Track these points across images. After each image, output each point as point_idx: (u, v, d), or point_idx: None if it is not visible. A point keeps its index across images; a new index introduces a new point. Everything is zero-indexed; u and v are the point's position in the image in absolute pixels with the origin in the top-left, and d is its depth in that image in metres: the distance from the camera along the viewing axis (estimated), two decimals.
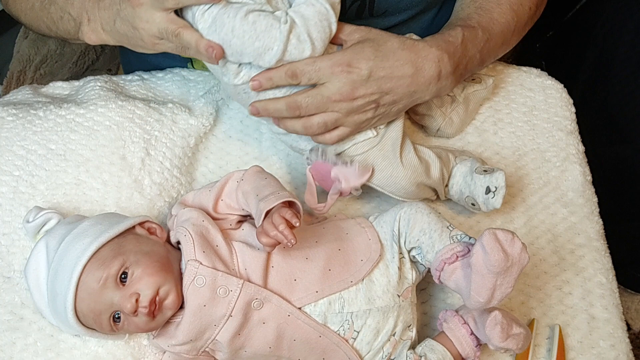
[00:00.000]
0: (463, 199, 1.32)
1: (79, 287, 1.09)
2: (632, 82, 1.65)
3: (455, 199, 1.34)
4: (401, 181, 1.25)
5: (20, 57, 2.07)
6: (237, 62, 1.17)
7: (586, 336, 1.28)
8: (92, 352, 1.17)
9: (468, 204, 1.32)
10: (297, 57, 1.15)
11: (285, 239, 1.05)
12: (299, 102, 1.17)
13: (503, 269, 1.05)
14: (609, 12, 1.73)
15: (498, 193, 1.27)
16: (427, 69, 1.19)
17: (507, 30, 1.32)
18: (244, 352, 1.14)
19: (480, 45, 1.27)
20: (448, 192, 1.33)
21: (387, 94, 1.18)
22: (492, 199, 1.27)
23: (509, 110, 1.47)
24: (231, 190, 1.20)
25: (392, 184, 1.26)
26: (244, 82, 1.19)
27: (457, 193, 1.32)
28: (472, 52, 1.26)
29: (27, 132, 1.30)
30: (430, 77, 1.19)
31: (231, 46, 1.14)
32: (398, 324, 1.17)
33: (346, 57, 1.16)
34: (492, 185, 1.27)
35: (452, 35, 1.24)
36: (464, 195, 1.31)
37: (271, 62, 1.14)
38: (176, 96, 1.45)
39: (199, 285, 1.10)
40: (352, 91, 1.16)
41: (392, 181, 1.26)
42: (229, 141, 1.42)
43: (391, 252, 1.18)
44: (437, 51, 1.20)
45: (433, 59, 1.19)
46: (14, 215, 1.25)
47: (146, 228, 1.20)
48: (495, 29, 1.30)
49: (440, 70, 1.20)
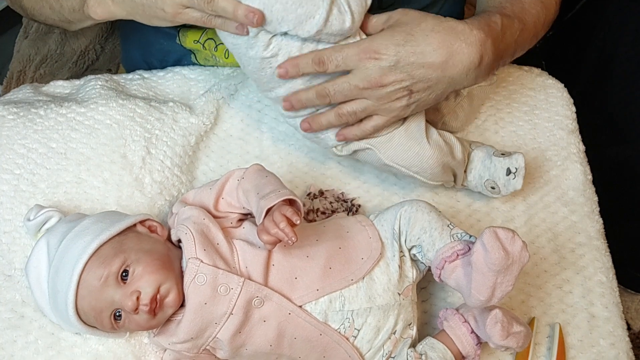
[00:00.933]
0: (482, 183, 1.32)
1: (80, 285, 1.09)
2: (632, 82, 1.65)
3: (472, 184, 1.34)
4: (429, 160, 1.25)
5: (20, 57, 2.07)
6: (272, 32, 1.15)
7: (586, 335, 1.28)
8: (93, 350, 1.17)
9: (487, 188, 1.32)
10: (337, 29, 1.13)
11: (286, 237, 1.05)
12: (327, 89, 1.16)
13: (503, 267, 1.05)
14: (609, 13, 1.73)
15: (518, 174, 1.28)
16: (465, 53, 1.13)
17: (538, 22, 1.29)
18: (244, 350, 1.14)
19: (516, 35, 1.23)
20: (466, 177, 1.33)
21: (420, 80, 1.15)
22: (514, 180, 1.28)
23: (510, 109, 1.47)
24: (232, 189, 1.20)
25: (419, 163, 1.25)
26: (273, 55, 1.17)
27: (476, 178, 1.32)
28: (509, 41, 1.22)
29: (28, 130, 1.30)
30: (470, 62, 1.14)
31: (272, 12, 1.11)
32: (398, 322, 1.17)
33: (374, 44, 1.13)
34: (512, 166, 1.28)
35: (493, 20, 1.19)
36: (484, 179, 1.31)
37: (311, 32, 1.13)
38: (177, 95, 1.45)
39: (200, 283, 1.10)
40: (380, 78, 1.14)
41: (419, 160, 1.25)
42: (229, 140, 1.42)
43: (392, 251, 1.18)
44: (480, 34, 1.14)
45: (475, 42, 1.14)
46: (15, 214, 1.25)
47: (147, 226, 1.20)
48: (528, 20, 1.26)
49: (482, 55, 1.14)
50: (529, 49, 1.34)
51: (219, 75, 1.48)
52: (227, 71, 1.49)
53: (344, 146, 1.28)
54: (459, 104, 1.38)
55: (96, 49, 2.12)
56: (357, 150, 1.28)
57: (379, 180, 1.40)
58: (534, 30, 1.29)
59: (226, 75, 1.48)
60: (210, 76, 1.48)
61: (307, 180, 1.39)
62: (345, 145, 1.28)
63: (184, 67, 1.51)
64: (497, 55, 1.18)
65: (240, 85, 1.45)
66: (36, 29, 2.07)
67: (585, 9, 1.86)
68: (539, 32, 1.32)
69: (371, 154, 1.27)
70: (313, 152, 1.41)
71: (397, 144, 1.25)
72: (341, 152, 1.29)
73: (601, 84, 1.74)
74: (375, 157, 1.27)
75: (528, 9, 1.28)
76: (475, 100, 1.41)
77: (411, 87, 1.16)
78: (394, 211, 1.20)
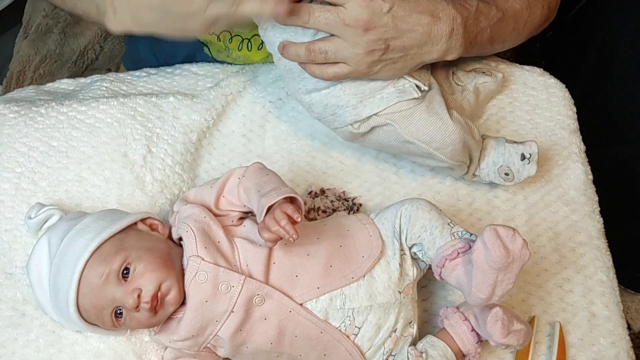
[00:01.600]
0: (496, 170, 1.32)
1: (81, 283, 1.09)
2: (632, 82, 1.65)
3: (484, 173, 1.34)
4: (451, 135, 1.24)
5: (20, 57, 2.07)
6: None
7: (587, 333, 1.29)
8: (94, 348, 1.18)
9: (500, 175, 1.32)
10: None
11: (287, 234, 1.05)
12: (311, 10, 1.15)
13: (504, 265, 1.05)
14: (609, 12, 1.73)
15: (532, 160, 1.30)
16: (442, 23, 1.18)
17: (520, 18, 1.32)
18: (245, 348, 1.14)
19: (492, 21, 1.27)
20: (478, 166, 1.34)
21: (400, 37, 1.16)
22: (528, 165, 1.30)
23: (512, 108, 1.48)
24: (233, 187, 1.20)
25: (441, 138, 1.25)
26: None
27: (489, 165, 1.33)
28: (484, 25, 1.26)
29: (29, 129, 1.30)
30: (443, 32, 1.18)
31: None
32: (399, 320, 1.17)
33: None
34: (526, 152, 1.30)
35: (468, 3, 1.24)
36: (497, 165, 1.32)
37: None
38: (183, 87, 1.45)
39: (201, 281, 1.11)
40: (369, 20, 1.13)
41: (441, 135, 1.24)
42: (232, 136, 1.42)
43: (392, 249, 1.19)
44: (452, 10, 1.19)
45: (449, 14, 1.19)
46: (16, 212, 1.25)
47: (148, 224, 1.20)
48: (509, 11, 1.30)
49: (453, 29, 1.19)
50: (514, 44, 1.38)
51: (228, 72, 1.48)
52: (236, 68, 1.49)
53: (362, 123, 1.26)
54: (466, 98, 1.38)
55: (95, 49, 2.13)
56: (375, 127, 1.26)
57: (380, 180, 1.40)
58: (514, 23, 1.33)
59: (235, 72, 1.48)
60: (219, 73, 1.49)
61: (308, 179, 1.39)
62: (364, 122, 1.26)
63: (193, 65, 1.51)
64: (466, 33, 1.22)
65: (248, 82, 1.45)
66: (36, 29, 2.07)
67: (585, 9, 1.87)
68: (522, 29, 1.35)
69: (390, 130, 1.26)
70: (315, 151, 1.42)
71: (418, 118, 1.24)
72: (358, 129, 1.27)
73: (601, 84, 1.74)
74: (394, 133, 1.26)
75: (511, 3, 1.32)
76: (481, 96, 1.41)
77: (390, 41, 1.16)
78: (394, 209, 1.20)
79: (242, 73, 1.47)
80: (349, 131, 1.29)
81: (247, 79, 1.46)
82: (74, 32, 2.11)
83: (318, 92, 1.26)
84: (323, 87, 1.25)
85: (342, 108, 1.26)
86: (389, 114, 1.24)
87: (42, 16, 2.09)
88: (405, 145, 1.27)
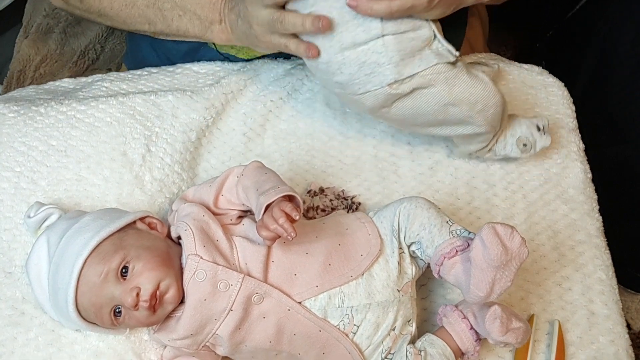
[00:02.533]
0: (514, 141, 1.33)
1: (80, 281, 1.10)
2: (632, 82, 1.65)
3: (500, 146, 1.35)
4: (495, 96, 1.24)
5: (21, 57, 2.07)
6: None
7: (586, 332, 1.29)
8: (93, 347, 1.18)
9: (518, 147, 1.33)
10: None
11: (285, 232, 1.05)
12: None
13: (502, 262, 1.05)
14: (609, 12, 1.73)
15: (547, 131, 1.33)
16: None
17: None
18: (244, 347, 1.15)
19: None
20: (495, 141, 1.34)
21: None
22: (544, 136, 1.34)
23: (511, 107, 1.46)
24: (231, 186, 1.20)
25: (486, 99, 1.24)
26: None
27: (507, 137, 1.34)
28: None
29: (28, 128, 1.31)
30: None
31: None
32: (398, 318, 1.17)
33: None
34: (540, 124, 1.34)
35: None
36: (516, 136, 1.33)
37: None
38: (184, 85, 1.46)
39: (200, 279, 1.11)
40: None
41: (485, 94, 1.24)
42: (232, 134, 1.42)
43: (391, 247, 1.19)
44: None
45: None
46: (15, 211, 1.25)
47: (147, 223, 1.20)
48: None
49: None
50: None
51: (229, 70, 1.48)
52: (238, 66, 1.49)
53: (403, 83, 1.21)
54: None
55: (96, 49, 2.12)
56: (416, 88, 1.21)
57: (379, 179, 1.40)
58: None
59: (236, 70, 1.48)
60: (220, 72, 1.49)
61: (307, 178, 1.39)
62: (405, 81, 1.20)
63: (194, 64, 1.50)
64: None
65: (249, 81, 1.45)
66: (36, 29, 2.07)
67: (585, 8, 1.87)
68: None
69: (433, 92, 1.22)
70: (314, 151, 1.42)
71: (462, 79, 1.22)
72: (397, 89, 1.21)
73: (601, 84, 1.74)
74: (437, 96, 1.22)
75: None
76: None
77: None
78: (393, 208, 1.21)
79: (244, 71, 1.47)
80: (384, 93, 1.22)
81: (248, 77, 1.46)
82: (74, 32, 2.11)
83: (354, 48, 1.19)
84: (362, 42, 1.18)
85: (382, 66, 1.20)
86: (432, 74, 1.20)
87: (43, 16, 2.09)
88: (445, 109, 1.24)
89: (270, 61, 1.50)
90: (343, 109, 1.45)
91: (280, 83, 1.46)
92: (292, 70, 1.48)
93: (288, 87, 1.46)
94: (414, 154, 1.42)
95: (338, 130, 1.44)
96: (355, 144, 1.43)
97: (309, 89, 1.47)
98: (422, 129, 1.32)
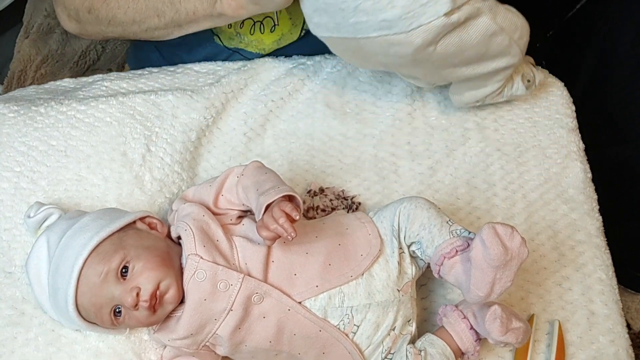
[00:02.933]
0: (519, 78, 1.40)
1: (80, 281, 1.10)
2: (632, 82, 1.65)
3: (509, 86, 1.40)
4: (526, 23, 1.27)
5: (21, 57, 2.07)
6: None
7: (586, 332, 1.28)
8: (93, 347, 1.18)
9: (524, 83, 1.40)
10: None
11: (285, 232, 1.05)
12: None
13: (502, 262, 1.05)
14: (609, 12, 1.73)
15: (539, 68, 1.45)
16: None
17: None
18: (244, 347, 1.15)
19: None
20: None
21: None
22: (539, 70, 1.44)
23: (510, 107, 1.48)
24: (231, 185, 1.20)
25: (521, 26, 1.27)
26: None
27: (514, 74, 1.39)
28: None
29: (28, 128, 1.31)
30: None
31: None
32: (398, 318, 1.17)
33: None
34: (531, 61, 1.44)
35: None
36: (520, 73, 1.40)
37: None
38: (184, 84, 1.46)
39: (200, 279, 1.11)
40: None
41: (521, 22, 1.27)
42: (232, 134, 1.42)
43: (391, 247, 1.19)
44: None
45: None
46: (15, 211, 1.25)
47: (147, 223, 1.20)
48: None
49: None
50: None
51: (230, 70, 1.49)
52: (238, 65, 1.50)
53: (459, 10, 1.16)
54: None
55: (97, 49, 2.13)
56: (469, 18, 1.18)
57: (379, 178, 1.40)
58: None
59: (237, 69, 1.48)
60: (221, 71, 1.49)
61: (307, 178, 1.39)
62: (461, 9, 1.16)
63: (195, 64, 1.51)
64: None
65: (250, 80, 1.45)
66: (37, 29, 2.07)
67: (585, 9, 1.86)
68: None
69: (479, 21, 1.19)
70: (314, 150, 1.42)
71: (501, 8, 1.23)
72: (453, 18, 1.16)
73: (601, 84, 1.74)
74: (482, 25, 1.20)
75: None
76: None
77: None
78: (393, 208, 1.21)
79: (244, 70, 1.47)
80: (438, 25, 1.16)
81: (249, 77, 1.46)
82: None
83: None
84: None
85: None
86: (479, 2, 1.18)
87: (44, 16, 2.09)
88: (489, 40, 1.23)
89: (271, 60, 1.50)
90: (343, 109, 1.46)
91: (281, 83, 1.47)
92: (293, 70, 1.49)
93: (289, 87, 1.46)
94: (414, 153, 1.42)
95: (338, 130, 1.44)
96: (355, 144, 1.43)
97: (309, 89, 1.47)
98: (457, 70, 1.29)
